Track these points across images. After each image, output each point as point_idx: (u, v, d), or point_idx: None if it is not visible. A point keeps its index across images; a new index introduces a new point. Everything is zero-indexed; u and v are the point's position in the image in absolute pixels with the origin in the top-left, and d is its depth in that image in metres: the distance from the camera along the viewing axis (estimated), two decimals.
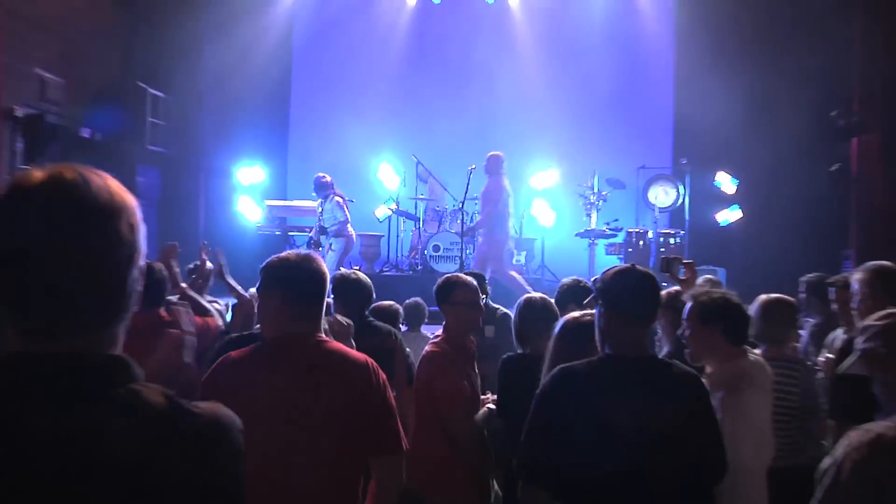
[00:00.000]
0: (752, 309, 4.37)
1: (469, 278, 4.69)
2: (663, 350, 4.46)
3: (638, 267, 3.05)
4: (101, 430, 1.27)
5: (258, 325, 3.80)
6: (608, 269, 3.10)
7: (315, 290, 2.86)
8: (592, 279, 4.15)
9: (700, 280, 5.60)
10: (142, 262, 1.39)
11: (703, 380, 3.20)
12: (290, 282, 2.83)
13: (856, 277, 4.23)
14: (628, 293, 2.90)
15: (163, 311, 4.69)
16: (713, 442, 2.91)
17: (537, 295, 4.54)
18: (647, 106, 14.12)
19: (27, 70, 10.37)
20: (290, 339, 2.80)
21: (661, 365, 3.01)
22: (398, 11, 14.40)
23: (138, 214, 1.39)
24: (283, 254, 2.97)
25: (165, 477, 1.30)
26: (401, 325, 5.99)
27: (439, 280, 4.69)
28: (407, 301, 6.55)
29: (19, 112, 10.00)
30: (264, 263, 2.96)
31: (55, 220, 1.29)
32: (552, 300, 4.47)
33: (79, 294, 1.31)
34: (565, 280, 5.16)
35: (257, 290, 3.05)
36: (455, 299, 4.51)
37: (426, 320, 6.57)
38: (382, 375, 2.82)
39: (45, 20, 10.73)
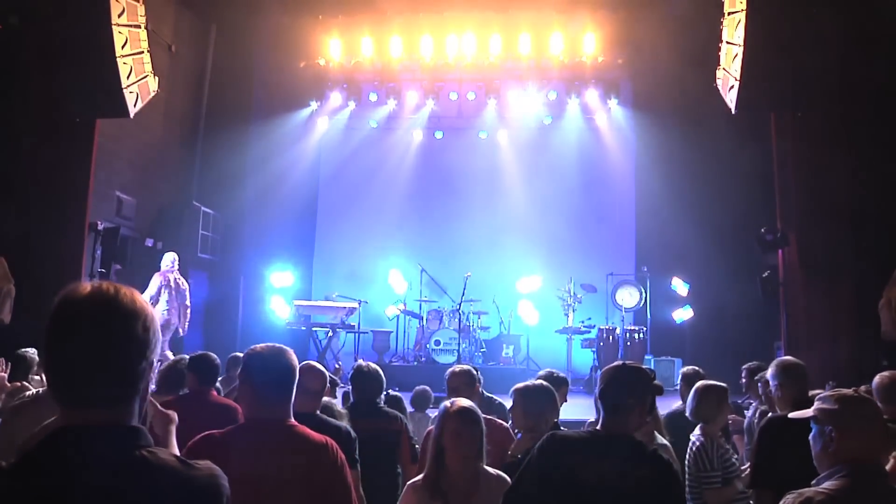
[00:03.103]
0: (690, 393, 4.74)
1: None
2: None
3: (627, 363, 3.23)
4: (124, 486, 1.47)
5: None
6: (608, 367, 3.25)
7: (283, 381, 2.93)
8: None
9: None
10: (154, 355, 1.60)
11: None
12: (261, 372, 2.94)
13: (769, 372, 4.42)
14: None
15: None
16: None
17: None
18: (613, 223, 15.06)
19: (109, 192, 11.81)
20: (260, 423, 2.88)
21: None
22: (407, 144, 15.57)
23: (153, 319, 1.60)
24: (259, 347, 3.03)
25: None
26: (408, 408, 6.44)
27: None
28: (416, 388, 7.04)
29: (100, 226, 11.10)
30: (244, 354, 3.08)
31: (94, 321, 1.53)
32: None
33: (106, 375, 1.52)
34: (541, 372, 5.38)
35: (238, 376, 3.13)
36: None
37: (431, 405, 6.85)
38: (341, 455, 2.91)
39: (125, 153, 12.24)
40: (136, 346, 1.55)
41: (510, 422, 4.52)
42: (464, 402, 3.62)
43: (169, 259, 11.48)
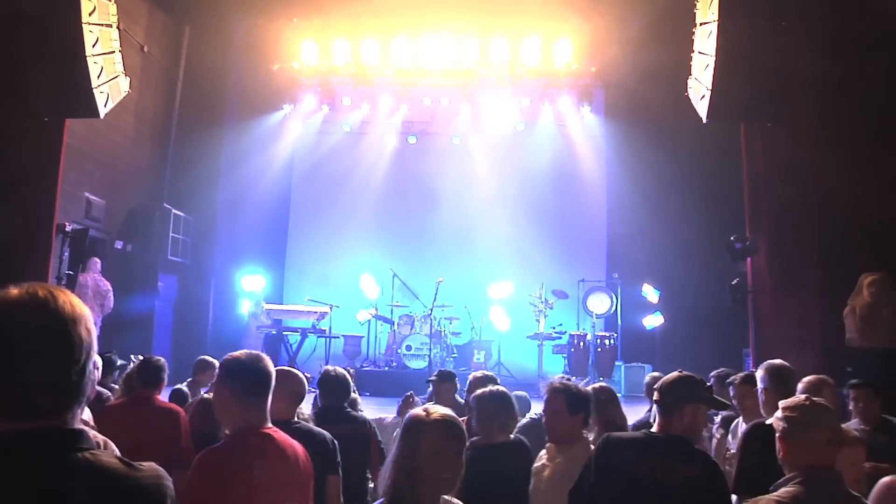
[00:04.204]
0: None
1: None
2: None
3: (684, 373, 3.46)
4: (63, 489, 1.45)
5: None
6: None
7: (264, 387, 3.01)
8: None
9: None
10: (92, 358, 1.57)
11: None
12: (244, 378, 2.97)
13: (757, 374, 4.48)
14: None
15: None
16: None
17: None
18: (585, 230, 15.19)
19: (78, 193, 11.69)
20: (251, 430, 2.96)
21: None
22: (380, 149, 15.57)
23: (90, 322, 1.58)
24: (238, 354, 3.07)
25: None
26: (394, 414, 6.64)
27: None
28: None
29: (69, 227, 10.98)
30: (221, 360, 3.10)
31: (30, 328, 1.50)
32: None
33: (47, 381, 1.50)
34: (476, 374, 5.52)
35: (217, 381, 3.14)
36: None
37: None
38: (311, 463, 3.08)
39: (95, 154, 12.12)
40: (73, 349, 1.53)
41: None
42: (445, 410, 2.94)
43: (91, 262, 11.40)
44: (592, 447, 3.83)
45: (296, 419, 4.16)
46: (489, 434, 4.11)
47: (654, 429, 3.41)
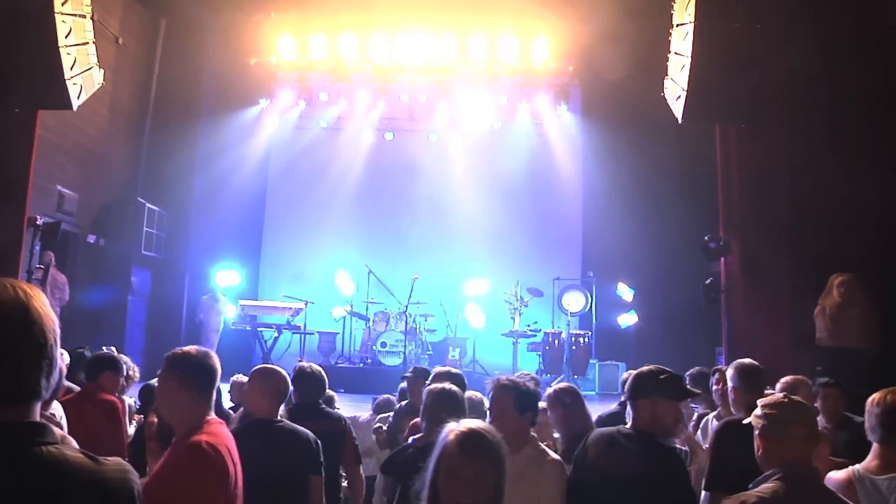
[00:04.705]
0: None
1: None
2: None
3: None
4: (21, 483, 1.43)
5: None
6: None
7: (215, 382, 3.07)
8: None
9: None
10: (55, 352, 1.57)
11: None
12: (206, 375, 3.03)
13: (728, 373, 4.54)
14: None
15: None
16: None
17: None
18: (561, 228, 15.26)
19: (50, 186, 11.53)
20: (223, 425, 3.03)
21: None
22: (357, 145, 15.54)
23: (56, 321, 1.58)
24: (186, 348, 3.12)
25: None
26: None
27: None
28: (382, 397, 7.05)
29: (40, 220, 10.76)
30: (170, 354, 3.12)
31: None
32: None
33: (7, 375, 1.49)
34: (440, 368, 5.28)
35: (158, 375, 3.15)
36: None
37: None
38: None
39: (68, 146, 11.96)
40: (36, 344, 1.53)
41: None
42: (474, 423, 2.48)
43: (45, 256, 11.25)
44: (549, 449, 3.77)
45: (279, 418, 4.17)
46: (431, 431, 3.94)
47: (627, 425, 3.47)
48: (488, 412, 3.82)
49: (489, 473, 2.28)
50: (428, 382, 4.82)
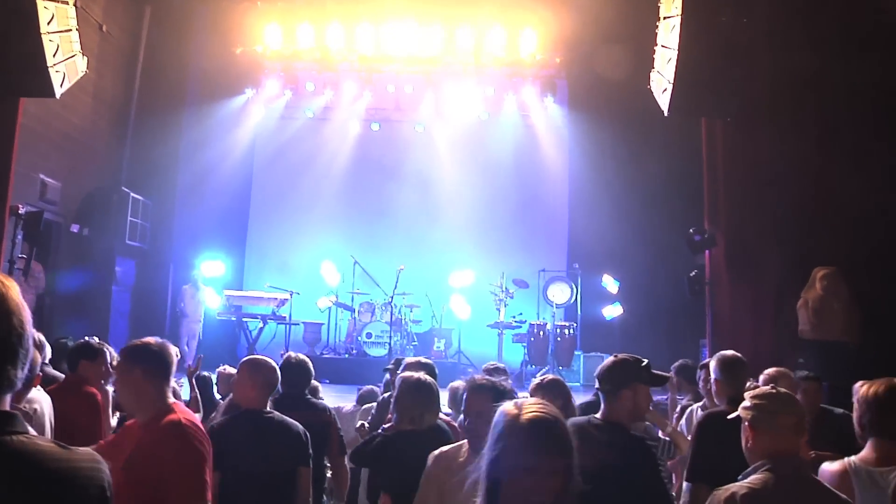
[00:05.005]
0: None
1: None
2: None
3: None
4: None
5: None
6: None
7: (168, 371, 3.19)
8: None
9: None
10: (28, 344, 1.56)
11: None
12: (153, 360, 3.14)
13: (710, 365, 4.57)
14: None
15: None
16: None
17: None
18: (546, 220, 15.31)
19: (33, 175, 11.39)
20: (160, 416, 3.08)
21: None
22: (343, 135, 15.50)
23: (28, 313, 1.57)
24: (145, 339, 3.23)
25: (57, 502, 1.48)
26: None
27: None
28: (366, 387, 7.09)
29: (22, 209, 10.59)
30: (128, 345, 3.25)
31: None
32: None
33: None
34: (410, 359, 5.35)
35: (116, 367, 3.32)
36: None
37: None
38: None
39: (51, 135, 11.81)
40: (14, 335, 1.52)
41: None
42: (544, 408, 2.11)
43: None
44: None
45: (268, 409, 4.17)
46: (401, 422, 4.01)
47: (598, 415, 3.42)
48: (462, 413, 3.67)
49: (561, 469, 2.00)
50: (399, 372, 4.83)
